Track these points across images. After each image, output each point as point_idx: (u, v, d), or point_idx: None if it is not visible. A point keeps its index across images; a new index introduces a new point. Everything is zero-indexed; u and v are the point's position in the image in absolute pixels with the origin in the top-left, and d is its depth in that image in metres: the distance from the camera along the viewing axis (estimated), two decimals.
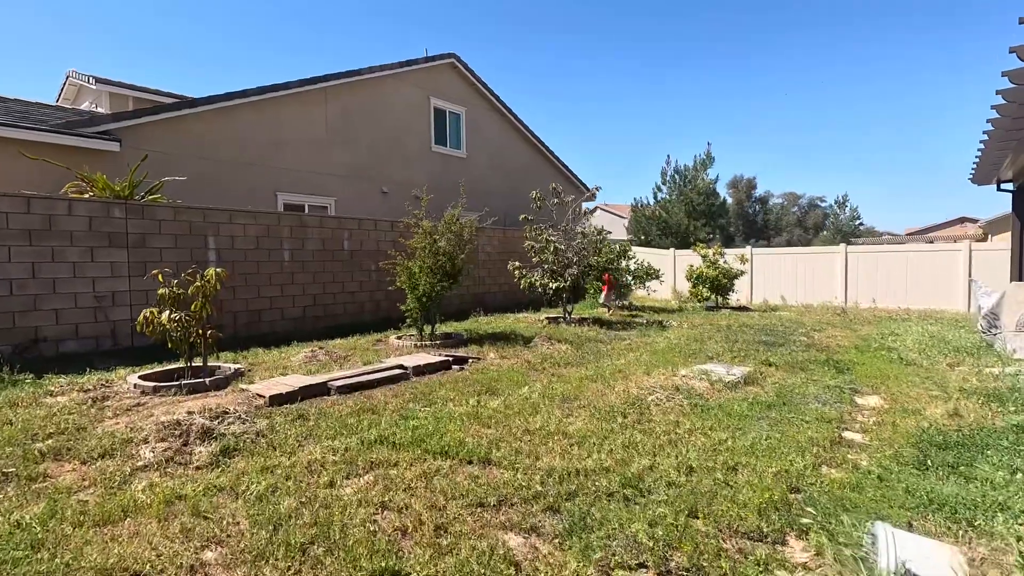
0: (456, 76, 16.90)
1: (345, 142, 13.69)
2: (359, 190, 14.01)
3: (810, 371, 6.93)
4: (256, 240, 9.45)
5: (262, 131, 12.01)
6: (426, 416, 4.82)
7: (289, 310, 9.92)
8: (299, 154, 12.71)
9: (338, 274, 10.72)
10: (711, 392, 5.77)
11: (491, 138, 18.20)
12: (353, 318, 10.96)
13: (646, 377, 6.45)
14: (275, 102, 12.21)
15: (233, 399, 5.38)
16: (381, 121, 14.59)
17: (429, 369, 6.88)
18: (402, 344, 8.55)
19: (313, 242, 10.29)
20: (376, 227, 11.45)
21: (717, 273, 14.16)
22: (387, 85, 14.74)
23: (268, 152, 12.12)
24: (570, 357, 7.89)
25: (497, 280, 14.73)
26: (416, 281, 8.63)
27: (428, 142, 15.97)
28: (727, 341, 9.30)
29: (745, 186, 27.15)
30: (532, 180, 18.51)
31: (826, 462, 3.91)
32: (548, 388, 5.92)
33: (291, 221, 9.98)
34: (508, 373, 6.66)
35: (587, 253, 11.50)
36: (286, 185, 12.44)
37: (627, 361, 7.56)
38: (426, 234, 8.85)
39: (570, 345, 8.88)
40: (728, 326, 11.19)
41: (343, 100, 13.63)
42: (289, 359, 7.50)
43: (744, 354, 8.03)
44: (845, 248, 14.81)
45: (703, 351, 8.34)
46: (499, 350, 8.27)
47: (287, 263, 9.88)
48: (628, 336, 9.99)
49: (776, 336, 9.93)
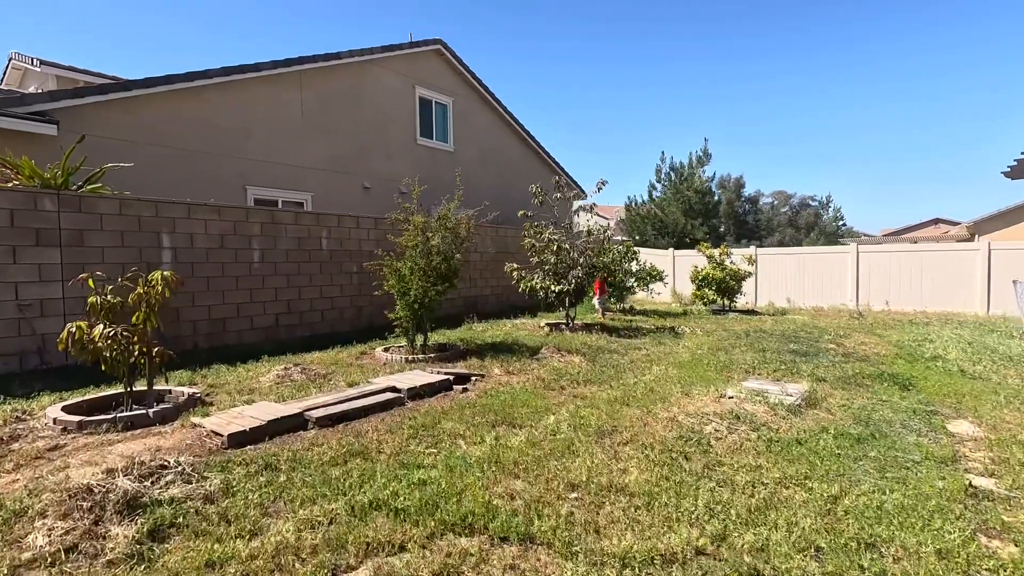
0: (443, 64, 15.75)
1: (322, 132, 12.45)
2: (338, 185, 12.77)
3: (870, 389, 6.00)
4: (220, 238, 8.20)
5: (229, 117, 10.71)
6: (434, 462, 3.71)
7: (259, 318, 8.68)
8: (271, 144, 11.43)
9: (315, 277, 9.50)
10: (774, 419, 4.77)
11: (480, 132, 17.09)
12: (333, 326, 9.75)
13: (687, 399, 5.43)
14: (244, 85, 10.92)
15: (180, 439, 4.19)
16: (362, 110, 13.37)
17: (427, 391, 5.75)
18: (391, 358, 7.40)
19: (287, 241, 9.06)
20: (358, 224, 10.25)
21: (724, 275, 13.29)
22: (368, 71, 13.53)
23: (236, 141, 10.83)
24: (587, 372, 6.85)
25: (490, 282, 13.62)
26: (407, 285, 7.50)
27: (413, 134, 14.80)
28: (754, 350, 8.36)
29: (734, 185, 26.51)
30: (524, 178, 17.46)
31: (981, 529, 2.92)
32: (576, 415, 4.86)
33: (261, 217, 8.74)
34: (522, 395, 5.58)
35: (592, 253, 10.48)
36: (257, 178, 11.16)
37: (655, 377, 6.54)
38: (418, 231, 7.72)
39: (583, 357, 7.83)
40: (746, 332, 10.28)
41: (320, 86, 12.39)
42: (258, 379, 6.30)
43: (781, 367, 7.08)
44: (856, 247, 14.09)
45: (734, 363, 7.38)
46: (504, 364, 7.19)
47: (257, 265, 8.64)
48: (642, 345, 8.99)
49: (802, 344, 9.03)
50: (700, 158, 22.05)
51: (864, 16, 64.53)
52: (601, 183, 10.38)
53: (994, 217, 28.84)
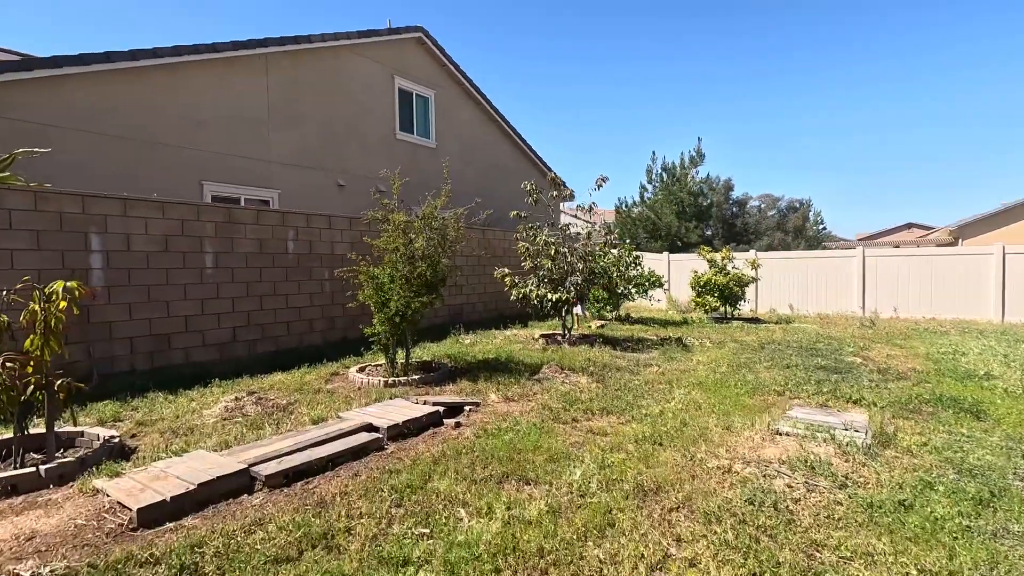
0: (424, 54, 14.65)
1: (291, 123, 11.24)
2: (309, 181, 11.56)
3: (937, 418, 5.09)
4: (165, 240, 6.97)
5: (181, 104, 9.45)
6: (428, 554, 2.63)
7: (212, 333, 7.46)
8: (232, 135, 10.19)
9: (280, 284, 8.31)
10: (852, 467, 3.80)
11: (464, 128, 16.02)
12: (301, 340, 8.57)
13: (732, 436, 4.45)
14: (199, 68, 9.67)
15: (72, 515, 3.04)
16: (336, 101, 12.19)
17: (411, 428, 4.65)
18: (367, 381, 6.28)
19: (247, 243, 7.86)
20: (330, 224, 9.09)
21: (727, 280, 12.44)
22: (343, 58, 12.36)
23: (189, 131, 9.56)
24: (599, 397, 5.82)
25: (476, 289, 12.55)
26: (386, 295, 6.38)
27: (392, 128, 13.65)
28: (778, 367, 7.45)
29: (723, 187, 25.87)
30: (511, 177, 16.46)
31: None
32: (603, 463, 3.82)
33: (216, 215, 7.53)
34: (529, 432, 4.52)
35: (592, 258, 9.50)
36: (214, 172, 9.90)
37: (680, 403, 5.55)
38: (399, 231, 6.62)
39: (590, 377, 6.82)
40: (760, 344, 9.39)
41: (288, 72, 11.18)
42: (202, 412, 5.13)
43: (820, 389, 6.16)
44: (862, 252, 13.38)
45: (763, 384, 6.44)
46: (501, 387, 6.13)
47: (210, 271, 7.43)
48: (652, 360, 8.02)
49: (827, 358, 8.16)
50: (693, 158, 21.27)
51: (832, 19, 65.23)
52: (601, 179, 9.40)
53: (978, 221, 28.83)
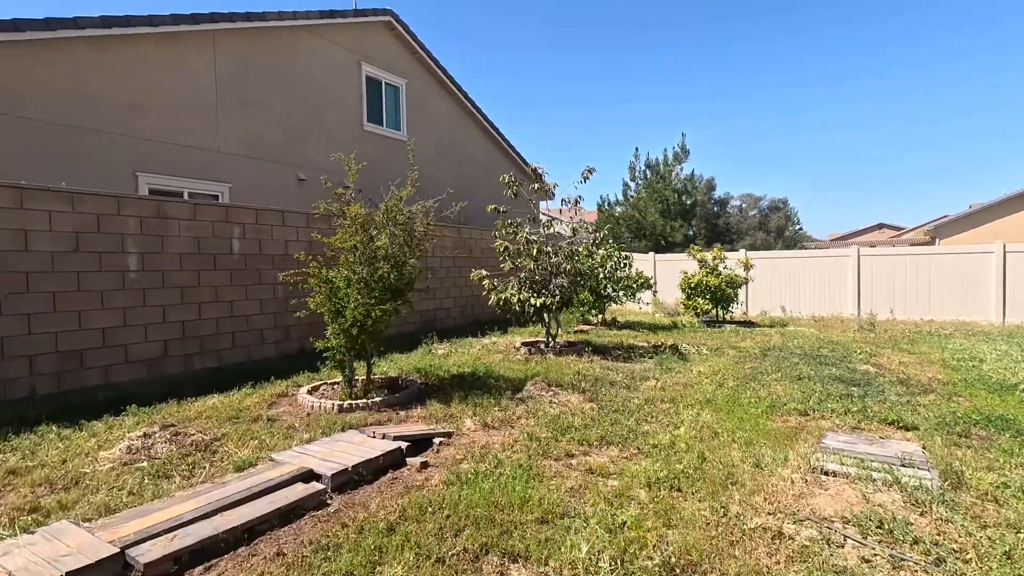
0: (394, 40, 13.61)
1: (244, 110, 10.10)
2: (265, 175, 10.42)
3: (995, 444, 4.31)
4: (75, 237, 5.84)
5: (112, 83, 8.26)
6: None
7: (138, 348, 6.33)
8: (174, 121, 9.02)
9: (224, 289, 7.21)
10: (934, 526, 2.95)
11: (438, 120, 15.02)
12: (250, 353, 7.48)
13: (764, 475, 3.58)
14: (132, 43, 8.50)
15: None
16: (295, 87, 11.09)
17: (365, 474, 3.66)
18: (318, 404, 5.26)
19: (181, 241, 6.75)
20: (284, 221, 8.02)
21: (720, 281, 11.69)
22: (302, 40, 11.25)
23: (123, 115, 8.38)
24: (595, 422, 4.91)
25: (451, 292, 11.57)
26: (341, 302, 5.37)
27: (359, 118, 12.57)
28: (789, 378, 6.65)
29: (705, 186, 25.33)
30: (488, 174, 15.50)
31: None
32: (613, 526, 2.90)
33: (142, 209, 6.40)
34: (513, 476, 3.58)
35: (578, 259, 8.61)
36: (153, 163, 8.72)
37: (692, 429, 4.67)
38: (357, 226, 5.61)
39: (581, 395, 5.91)
40: (761, 351, 8.61)
41: (240, 53, 10.05)
42: (98, 454, 4.06)
43: (846, 406, 5.36)
44: (857, 251, 12.79)
45: (779, 401, 5.62)
46: (478, 410, 5.18)
47: (134, 275, 6.31)
48: (648, 372, 7.15)
49: (837, 366, 7.40)
50: (677, 154, 20.56)
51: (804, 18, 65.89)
52: (588, 171, 8.52)
53: (954, 221, 28.98)
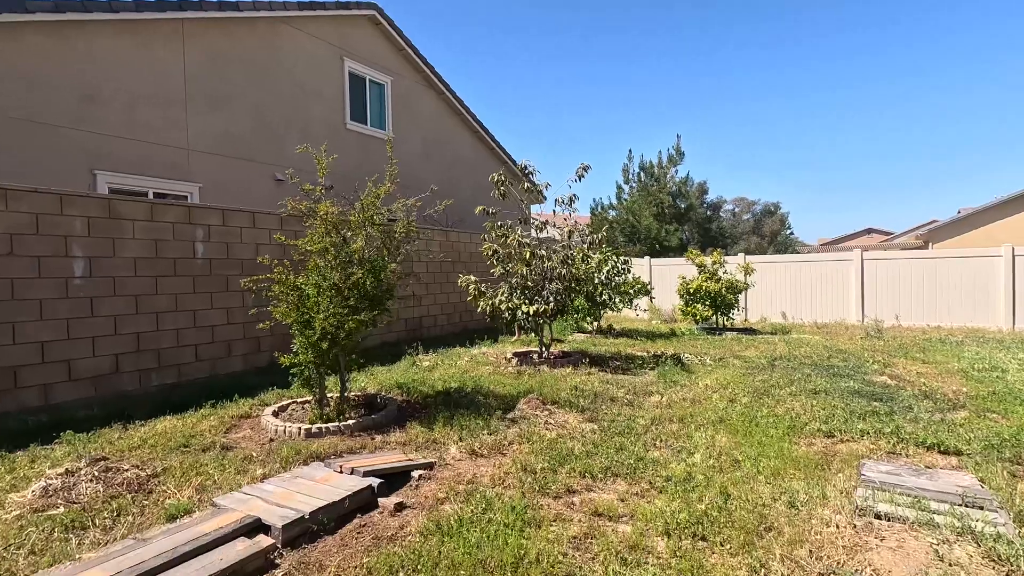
0: (379, 35, 13.03)
1: (217, 105, 9.46)
2: (239, 175, 9.78)
3: None
4: (9, 240, 5.17)
5: (68, 73, 7.60)
6: None
7: (84, 363, 5.66)
8: (138, 116, 8.36)
9: (185, 297, 6.56)
10: None
11: (425, 120, 14.44)
12: (215, 368, 6.82)
13: (802, 517, 3.01)
14: (90, 31, 7.85)
15: None
16: (273, 82, 10.46)
17: (325, 523, 3.04)
18: (283, 428, 4.62)
19: (136, 245, 6.10)
20: (254, 222, 7.38)
21: (720, 287, 11.18)
22: (281, 32, 10.65)
23: (79, 108, 7.72)
24: (598, 448, 4.33)
25: (438, 299, 10.96)
26: (308, 312, 4.75)
27: (342, 116, 11.96)
28: (805, 393, 6.11)
29: (697, 190, 24.91)
30: (477, 176, 14.93)
31: None
32: None
33: (89, 208, 5.75)
34: (505, 519, 2.99)
35: (573, 263, 8.04)
36: (113, 160, 8.06)
37: (709, 455, 4.10)
38: (329, 227, 5.00)
39: (580, 414, 5.32)
40: (768, 361, 8.07)
41: (213, 44, 9.42)
42: (4, 499, 3.40)
43: (872, 426, 4.81)
44: (861, 255, 12.34)
45: (798, 419, 5.07)
46: (465, 433, 4.58)
47: (80, 281, 5.64)
48: (651, 386, 6.58)
49: (851, 378, 6.88)
50: (672, 156, 20.10)
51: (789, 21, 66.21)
52: (583, 168, 7.97)
53: (946, 225, 28.92)
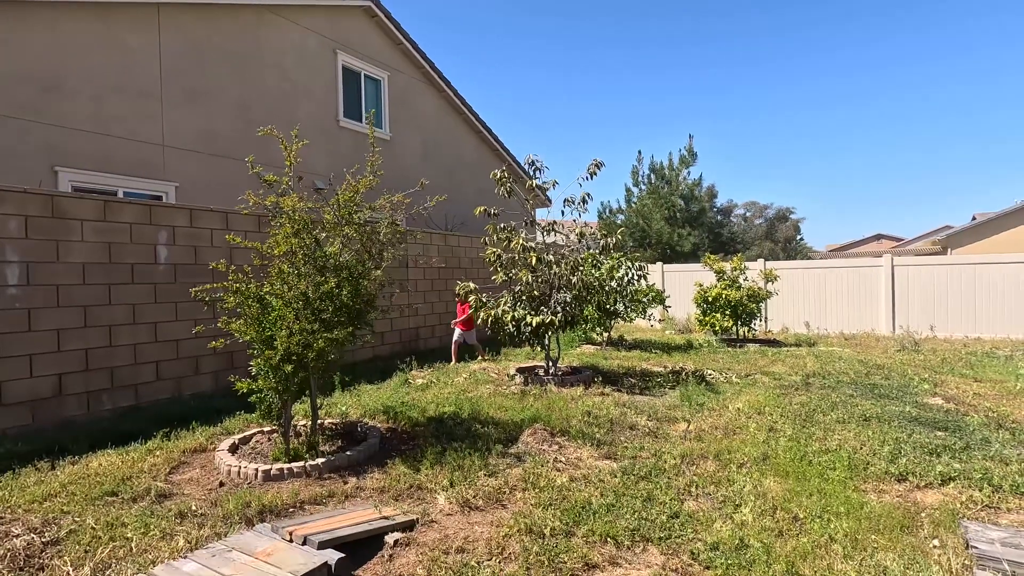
0: (375, 28, 12.33)
1: (195, 99, 8.74)
2: (220, 175, 9.02)
3: None
4: None
5: (26, 58, 6.89)
6: None
7: (18, 385, 4.88)
8: (106, 109, 7.65)
9: (145, 308, 5.78)
10: None
11: (424, 119, 13.70)
12: (178, 389, 6.03)
13: None
14: (54, 13, 7.15)
15: None
16: (259, 74, 9.74)
17: None
18: (237, 468, 3.82)
19: (84, 248, 5.33)
20: (227, 224, 6.62)
21: (741, 295, 10.34)
22: (268, 22, 9.94)
23: (37, 98, 7.00)
24: (620, 497, 3.50)
25: (435, 308, 10.17)
26: (270, 327, 3.96)
27: (334, 113, 11.24)
28: (855, 420, 5.26)
29: (707, 194, 24.07)
30: (479, 178, 14.15)
31: None
32: None
33: (25, 206, 4.98)
34: None
35: (584, 269, 7.24)
36: (78, 156, 7.33)
37: (760, 513, 3.27)
38: (297, 227, 4.21)
39: (595, 448, 4.49)
40: (801, 378, 7.22)
41: (192, 32, 8.71)
42: None
43: (955, 469, 3.97)
44: (891, 260, 11.48)
45: (857, 456, 4.24)
46: (458, 476, 3.76)
47: (15, 289, 4.88)
48: (673, 409, 5.73)
49: (902, 401, 6.02)
50: (684, 157, 19.23)
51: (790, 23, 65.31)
52: (595, 165, 7.16)
53: (965, 231, 28.08)
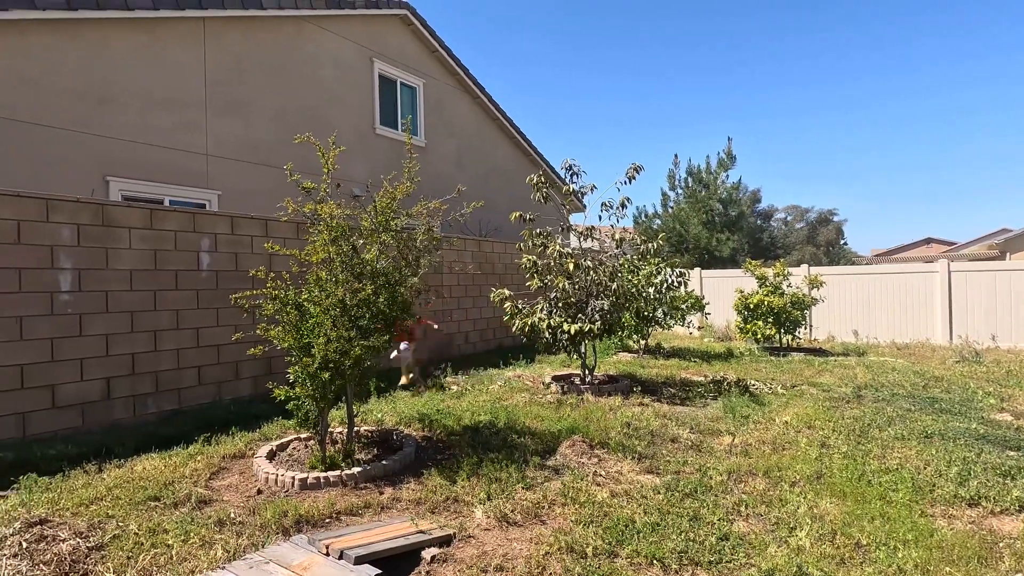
0: (410, 36, 12.45)
1: (238, 109, 8.96)
2: (261, 183, 9.21)
3: None
4: None
5: (78, 74, 7.18)
6: None
7: (69, 388, 5.03)
8: (154, 120, 7.90)
9: (188, 314, 5.90)
10: None
11: (459, 126, 13.75)
12: (219, 393, 6.13)
13: None
14: (105, 29, 7.43)
15: None
16: (298, 84, 9.93)
17: None
18: (275, 476, 3.81)
19: (132, 256, 5.48)
20: (267, 231, 6.72)
21: (784, 302, 9.95)
22: (307, 33, 10.13)
23: (90, 111, 7.27)
24: (664, 516, 3.34)
25: (470, 314, 10.14)
26: (308, 335, 3.95)
27: (371, 121, 11.37)
28: (915, 436, 4.94)
29: (749, 199, 23.40)
30: (514, 185, 14.14)
31: None
32: None
33: (78, 214, 5.15)
34: None
35: (622, 276, 7.06)
36: (127, 167, 7.59)
37: (818, 538, 3.07)
38: (335, 234, 4.21)
39: (635, 461, 4.33)
40: (852, 389, 6.86)
41: (235, 45, 8.95)
42: None
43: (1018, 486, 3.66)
44: (947, 266, 10.88)
45: (921, 476, 3.96)
46: (495, 488, 3.66)
47: (68, 296, 5.04)
48: (716, 421, 5.51)
49: (966, 416, 5.64)
50: (723, 160, 18.75)
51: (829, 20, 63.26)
52: (634, 169, 6.99)
53: None
